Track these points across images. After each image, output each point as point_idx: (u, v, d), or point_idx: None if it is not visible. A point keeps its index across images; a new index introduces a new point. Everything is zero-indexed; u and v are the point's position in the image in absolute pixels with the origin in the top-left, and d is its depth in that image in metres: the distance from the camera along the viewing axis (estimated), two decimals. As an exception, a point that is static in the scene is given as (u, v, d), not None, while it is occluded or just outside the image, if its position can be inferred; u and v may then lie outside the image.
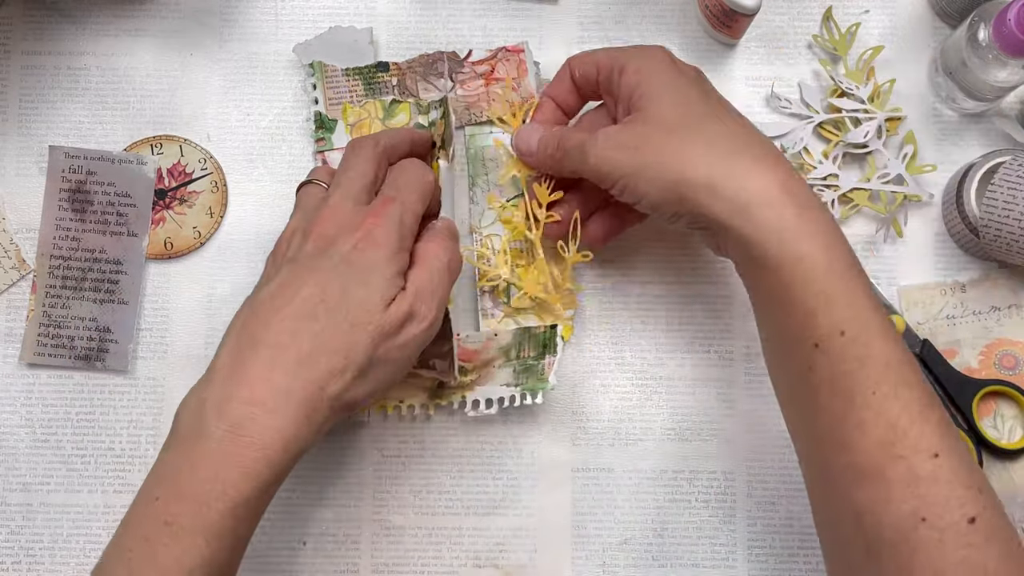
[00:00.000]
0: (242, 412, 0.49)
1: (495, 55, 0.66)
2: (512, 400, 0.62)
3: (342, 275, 0.52)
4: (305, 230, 0.55)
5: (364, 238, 0.53)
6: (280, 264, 0.55)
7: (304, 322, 0.51)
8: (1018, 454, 0.63)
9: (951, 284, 0.65)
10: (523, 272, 0.64)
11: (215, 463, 0.48)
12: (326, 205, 0.55)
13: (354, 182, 0.56)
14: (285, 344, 0.51)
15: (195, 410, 0.50)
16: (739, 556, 0.63)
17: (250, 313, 0.52)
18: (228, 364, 0.51)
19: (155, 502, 0.49)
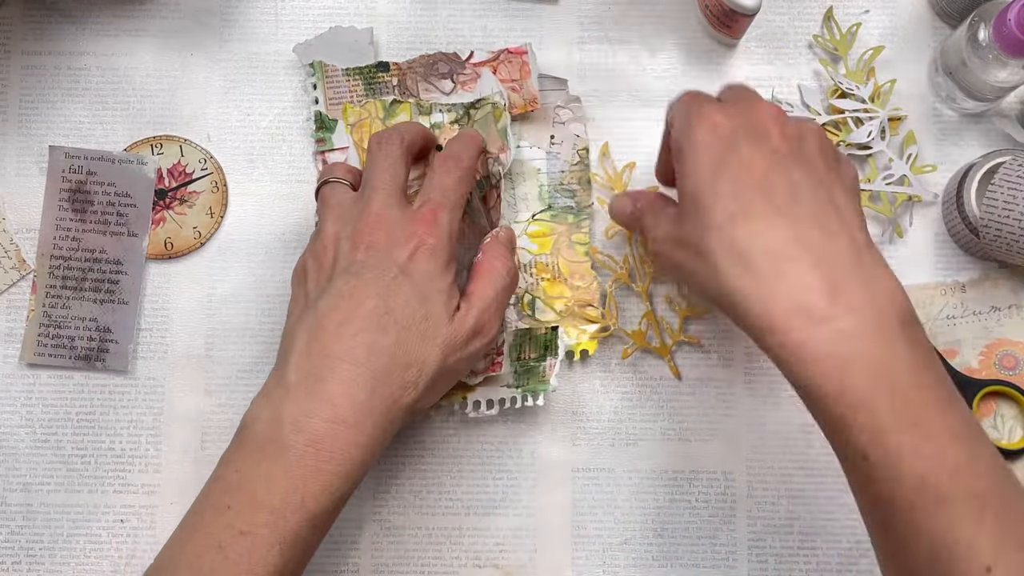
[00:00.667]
0: (323, 429, 0.50)
1: (497, 56, 0.66)
2: (513, 401, 0.62)
3: (403, 288, 0.53)
4: (353, 238, 0.55)
5: (419, 248, 0.54)
6: (332, 274, 0.54)
7: (377, 336, 0.52)
8: (1018, 454, 0.63)
9: (951, 284, 0.65)
10: (548, 286, 0.64)
11: (295, 477, 0.49)
12: (369, 211, 0.55)
13: (390, 184, 0.56)
14: (361, 361, 0.51)
15: (271, 424, 0.50)
16: (739, 556, 0.63)
17: (316, 326, 0.52)
18: (302, 379, 0.51)
19: (227, 511, 0.49)
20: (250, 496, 0.49)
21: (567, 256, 0.64)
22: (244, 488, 0.50)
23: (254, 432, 0.51)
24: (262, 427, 0.51)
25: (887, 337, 0.46)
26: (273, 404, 0.51)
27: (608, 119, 0.67)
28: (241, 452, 0.51)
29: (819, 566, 0.62)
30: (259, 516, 0.49)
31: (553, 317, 0.63)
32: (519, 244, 0.64)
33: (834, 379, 0.46)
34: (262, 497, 0.49)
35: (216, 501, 0.50)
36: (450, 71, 0.66)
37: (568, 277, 0.64)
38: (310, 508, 0.49)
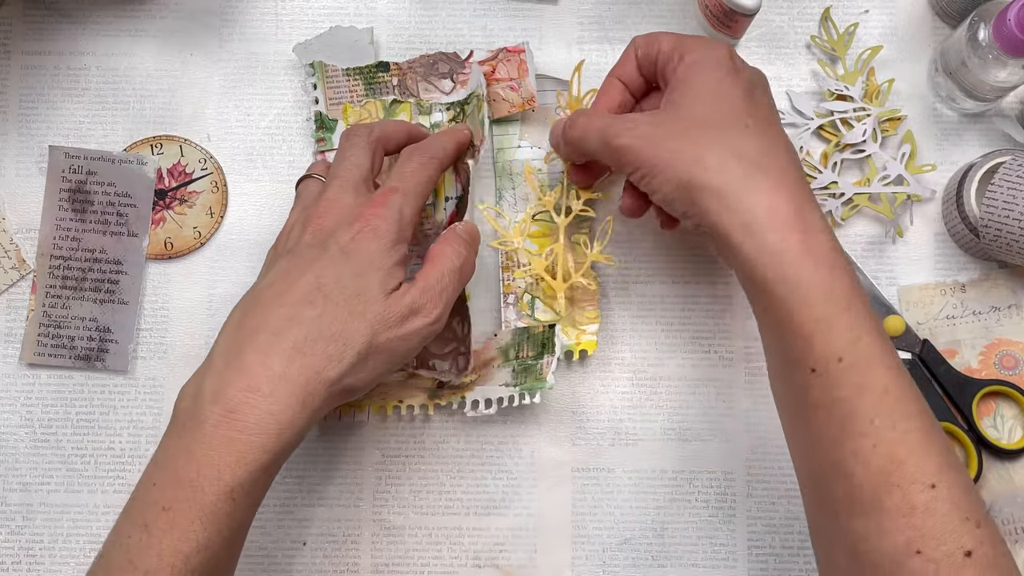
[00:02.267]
0: (237, 398, 0.49)
1: (496, 55, 0.66)
2: (511, 400, 0.62)
3: (339, 264, 0.53)
4: (304, 222, 0.56)
5: (363, 229, 0.54)
6: (279, 255, 0.55)
7: (301, 308, 0.52)
8: (1018, 454, 0.63)
9: (951, 284, 0.65)
10: (547, 286, 0.64)
11: (210, 448, 0.49)
12: (323, 197, 0.56)
13: (350, 173, 0.56)
14: (282, 330, 0.51)
15: (192, 397, 0.51)
16: (739, 556, 0.63)
17: (249, 302, 0.53)
18: (225, 352, 0.51)
19: (152, 487, 0.49)
20: (172, 472, 0.49)
21: (568, 256, 0.64)
22: (168, 464, 0.50)
23: (179, 409, 0.51)
24: (185, 403, 0.51)
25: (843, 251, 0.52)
26: (196, 378, 0.51)
27: (608, 119, 0.66)
28: (169, 431, 0.51)
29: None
30: (179, 491, 0.48)
31: (552, 316, 0.63)
32: (521, 244, 0.64)
33: (825, 279, 0.49)
34: (182, 472, 0.49)
35: (146, 480, 0.50)
36: (450, 71, 0.66)
37: (567, 277, 0.64)
38: (227, 480, 0.48)
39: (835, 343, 0.48)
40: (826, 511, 0.49)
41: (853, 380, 0.48)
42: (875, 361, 0.48)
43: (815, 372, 0.48)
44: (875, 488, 0.46)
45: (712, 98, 0.54)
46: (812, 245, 0.50)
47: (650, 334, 0.65)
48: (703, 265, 0.65)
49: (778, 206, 0.50)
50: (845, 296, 0.49)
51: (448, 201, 0.64)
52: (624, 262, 0.65)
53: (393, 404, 0.63)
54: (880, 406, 0.47)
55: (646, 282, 0.65)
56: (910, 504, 0.46)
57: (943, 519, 0.46)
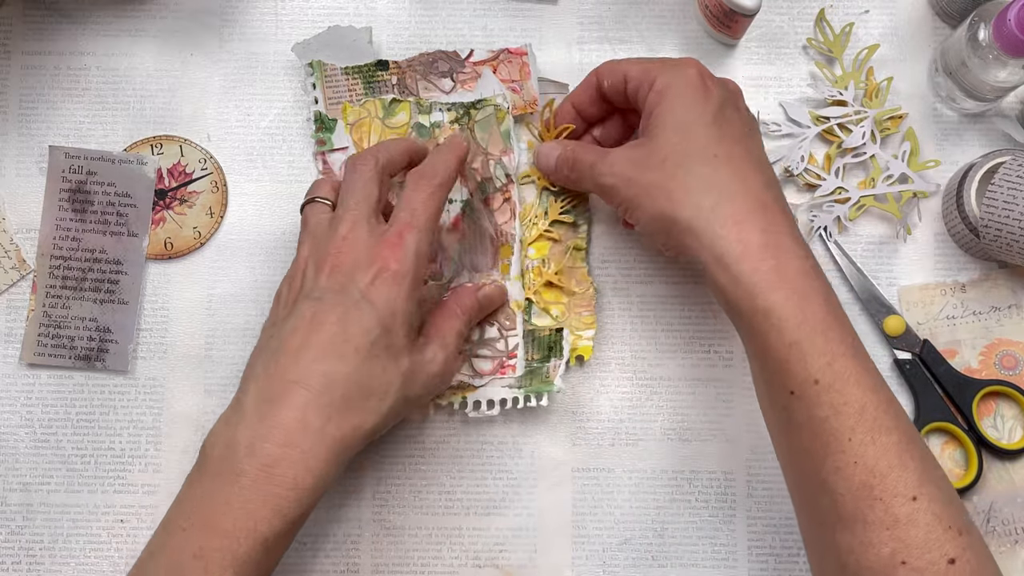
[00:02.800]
0: (276, 453, 0.50)
1: (497, 56, 0.66)
2: (515, 402, 0.62)
3: (364, 313, 0.53)
4: (318, 261, 0.55)
5: (382, 273, 0.54)
6: (297, 298, 0.55)
7: (334, 363, 0.52)
8: (1018, 454, 0.63)
9: (951, 284, 0.65)
10: (544, 291, 0.64)
11: (247, 500, 0.50)
12: (337, 234, 0.55)
13: (361, 206, 0.56)
14: (317, 387, 0.51)
15: (226, 447, 0.51)
16: (739, 556, 0.63)
17: (276, 350, 0.53)
18: (258, 403, 0.52)
19: (182, 532, 0.50)
20: (204, 519, 0.50)
21: (564, 261, 0.64)
22: (199, 511, 0.50)
23: (211, 456, 0.52)
24: (219, 451, 0.51)
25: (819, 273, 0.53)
26: (229, 428, 0.52)
27: (608, 119, 0.67)
28: (200, 476, 0.52)
29: (819, 566, 0.62)
30: (212, 540, 0.49)
31: (549, 322, 0.64)
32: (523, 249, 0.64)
33: (797, 305, 0.50)
34: (216, 521, 0.50)
35: (173, 523, 0.51)
36: (450, 69, 0.66)
37: (564, 283, 0.64)
38: (263, 532, 0.50)
39: (810, 367, 0.49)
40: (815, 524, 0.51)
41: (829, 400, 0.49)
42: (850, 381, 0.49)
43: (794, 395, 0.50)
44: (858, 502, 0.48)
45: (681, 128, 0.55)
46: (785, 272, 0.51)
47: (650, 334, 0.65)
48: (703, 265, 0.65)
49: (748, 237, 0.52)
50: (819, 319, 0.50)
51: (452, 204, 0.64)
52: (624, 262, 0.65)
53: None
54: (858, 424, 0.48)
55: (646, 282, 0.65)
56: (893, 516, 0.47)
57: (926, 529, 0.47)
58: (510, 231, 0.64)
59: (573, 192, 0.65)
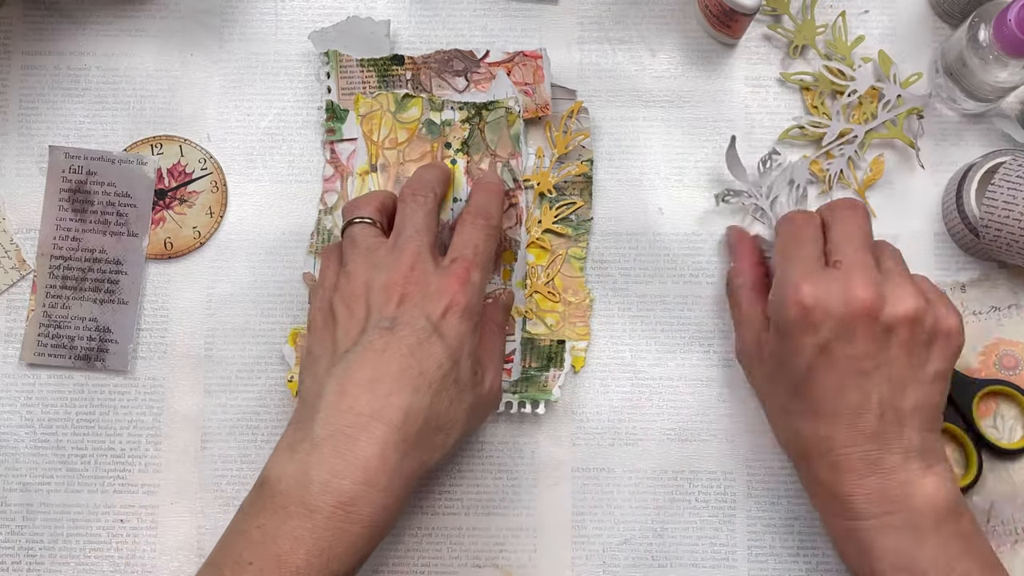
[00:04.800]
0: (354, 491, 0.49)
1: (512, 58, 0.66)
2: (509, 407, 0.62)
3: (436, 348, 0.52)
4: (387, 289, 0.54)
5: (452, 306, 0.53)
6: (364, 326, 0.53)
7: (411, 399, 0.51)
8: (1018, 454, 0.62)
9: (951, 284, 0.65)
10: (541, 299, 0.64)
11: (321, 539, 0.49)
12: (402, 263, 0.54)
13: (424, 236, 0.56)
14: (396, 424, 0.51)
15: (298, 482, 0.50)
16: (739, 556, 0.63)
17: (347, 380, 0.52)
18: (332, 436, 0.50)
19: (248, 567, 0.49)
20: (274, 555, 0.48)
21: (562, 270, 0.64)
22: (268, 546, 0.49)
23: (279, 489, 0.50)
24: (287, 484, 0.50)
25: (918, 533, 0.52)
26: (299, 460, 0.50)
27: (608, 119, 0.67)
28: (264, 508, 0.50)
29: (819, 566, 0.62)
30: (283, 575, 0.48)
31: (544, 330, 0.64)
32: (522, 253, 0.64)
33: None
34: (286, 557, 0.48)
35: (237, 556, 0.49)
36: (464, 69, 0.66)
37: (561, 291, 0.64)
38: (334, 569, 0.49)
39: None
40: None
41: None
42: None
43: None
44: None
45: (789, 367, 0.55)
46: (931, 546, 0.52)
47: (650, 334, 0.65)
48: (703, 265, 0.65)
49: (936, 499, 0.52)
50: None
51: (457, 203, 0.64)
52: (624, 262, 0.65)
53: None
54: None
55: (646, 282, 0.65)
56: None
57: None
58: (515, 236, 0.64)
59: (570, 200, 0.65)
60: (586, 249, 0.65)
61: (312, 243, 0.65)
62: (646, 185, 0.66)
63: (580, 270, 0.64)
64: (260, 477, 0.52)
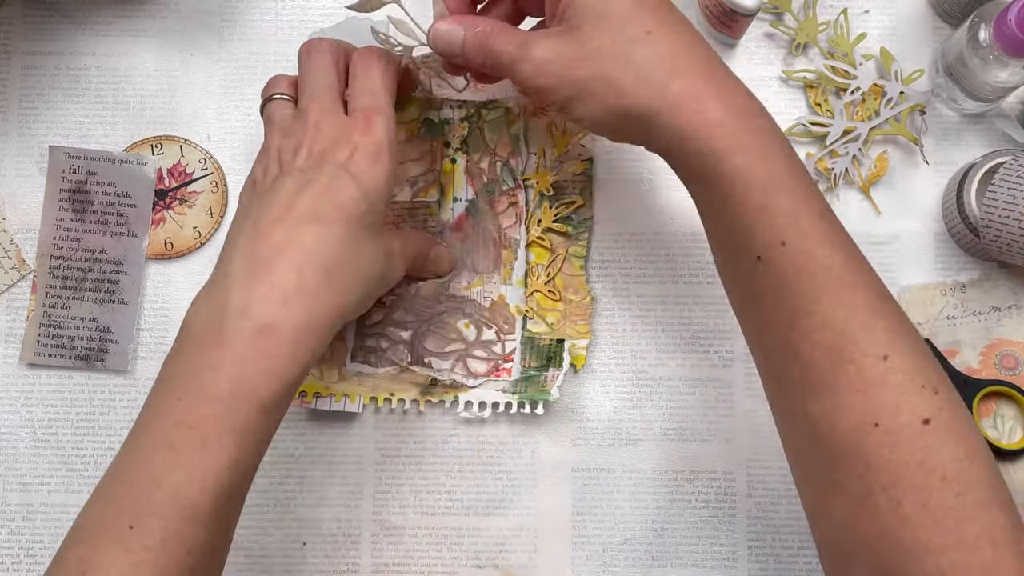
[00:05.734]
0: (274, 313, 0.48)
1: None
2: (508, 407, 0.62)
3: (346, 183, 0.52)
4: (295, 149, 0.54)
5: (357, 149, 0.53)
6: (273, 178, 0.53)
7: (327, 228, 0.51)
8: (1018, 454, 0.63)
9: (951, 284, 0.65)
10: (541, 298, 0.64)
11: (242, 364, 0.48)
12: (308, 122, 0.54)
13: (325, 93, 0.55)
14: (311, 248, 0.50)
15: (214, 314, 0.49)
16: (739, 556, 0.63)
17: (260, 218, 0.51)
18: (248, 267, 0.50)
19: (177, 402, 0.48)
20: (197, 388, 0.48)
21: (563, 269, 0.64)
22: (191, 381, 0.48)
23: (196, 323, 0.49)
24: (204, 318, 0.49)
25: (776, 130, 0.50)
26: (214, 296, 0.50)
27: (608, 119, 0.66)
28: (182, 347, 0.50)
29: (819, 566, 0.62)
30: (208, 408, 0.47)
31: (544, 329, 0.64)
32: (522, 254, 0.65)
33: (760, 166, 0.48)
34: (210, 388, 0.47)
35: (163, 396, 0.49)
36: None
37: (562, 290, 0.64)
38: (261, 395, 0.48)
39: (776, 228, 0.47)
40: (783, 396, 0.49)
41: (796, 263, 0.47)
42: (817, 240, 0.47)
43: (760, 260, 0.48)
44: (828, 367, 0.46)
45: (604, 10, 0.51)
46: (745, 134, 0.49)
47: (650, 334, 0.65)
48: (703, 265, 0.65)
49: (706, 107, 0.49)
50: (782, 179, 0.48)
51: (457, 203, 0.64)
52: (624, 262, 0.65)
53: (384, 396, 0.63)
54: (826, 283, 0.47)
55: (646, 282, 0.65)
56: (864, 379, 0.45)
57: (898, 390, 0.45)
58: (514, 236, 0.64)
59: (570, 199, 0.65)
60: (587, 248, 0.65)
61: (312, 243, 0.65)
62: (646, 185, 0.66)
63: (581, 268, 0.64)
64: (179, 328, 0.51)
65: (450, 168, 0.65)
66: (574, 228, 0.65)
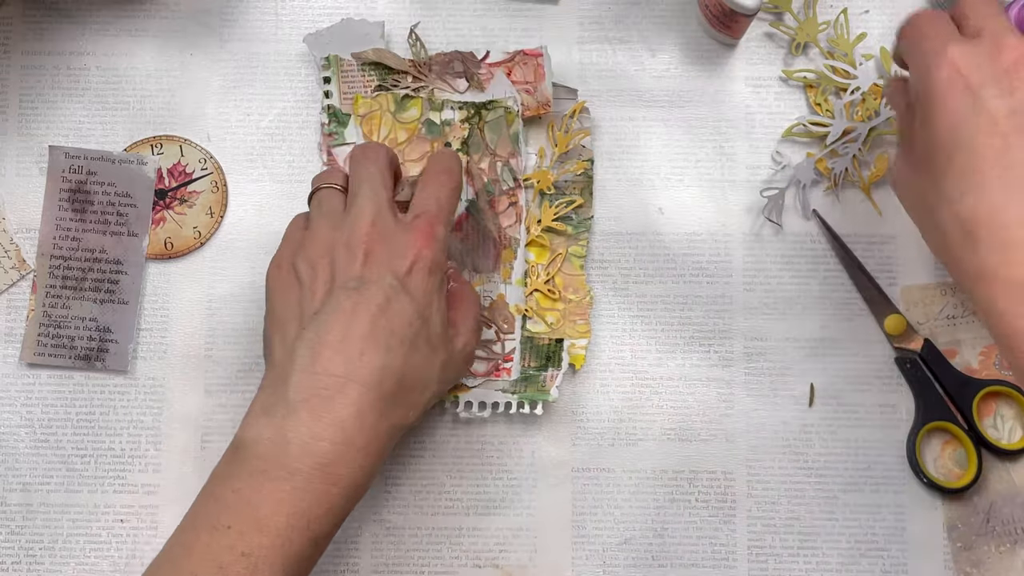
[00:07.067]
0: (333, 452, 0.49)
1: (513, 57, 0.66)
2: (508, 407, 0.62)
3: (404, 305, 0.52)
4: (350, 248, 0.54)
5: (417, 262, 0.53)
6: (331, 287, 0.53)
7: (384, 358, 0.51)
8: (1018, 454, 0.62)
9: (951, 284, 0.65)
10: (541, 298, 0.64)
11: (301, 500, 0.49)
12: (363, 220, 0.54)
13: (381, 194, 0.55)
14: (371, 383, 0.51)
15: (275, 444, 0.50)
16: (739, 556, 0.63)
17: (318, 342, 0.51)
18: (309, 399, 0.50)
19: (228, 530, 0.49)
20: (253, 517, 0.49)
21: (563, 269, 0.64)
22: (246, 509, 0.49)
23: (255, 452, 0.50)
24: (265, 448, 0.50)
25: None
26: (276, 424, 0.50)
27: (608, 119, 0.67)
28: (241, 471, 0.50)
29: (819, 566, 0.62)
30: (263, 538, 0.48)
31: (543, 328, 0.64)
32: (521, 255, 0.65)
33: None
34: (266, 519, 0.48)
35: (214, 520, 0.49)
36: (465, 70, 0.66)
37: (562, 289, 0.64)
38: (314, 530, 0.49)
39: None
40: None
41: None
42: None
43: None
44: None
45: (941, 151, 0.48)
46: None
47: (650, 334, 0.65)
48: (703, 265, 0.65)
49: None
50: None
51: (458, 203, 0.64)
52: (624, 262, 0.65)
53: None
54: None
55: (646, 282, 0.65)
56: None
57: None
58: (514, 235, 0.64)
59: (570, 199, 0.65)
60: (586, 247, 0.65)
61: (312, 243, 0.65)
62: (646, 185, 0.66)
63: (580, 268, 0.64)
64: (234, 441, 0.52)
65: None
66: (574, 228, 0.65)
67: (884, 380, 0.64)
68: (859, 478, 0.63)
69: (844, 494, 0.63)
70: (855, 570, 0.62)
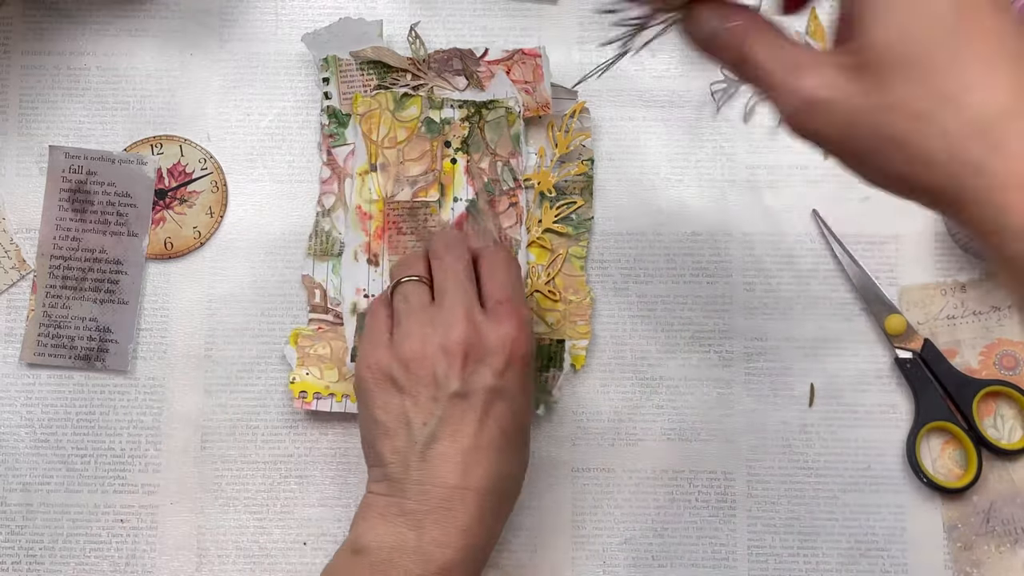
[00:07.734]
0: (456, 558, 0.51)
1: (511, 56, 0.66)
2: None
3: (507, 405, 0.54)
4: (448, 349, 0.53)
5: (513, 357, 0.54)
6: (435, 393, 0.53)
7: (497, 464, 0.53)
8: (1018, 454, 0.62)
9: (951, 284, 0.65)
10: (541, 299, 0.64)
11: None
12: (457, 317, 0.54)
13: (470, 291, 0.55)
14: (488, 490, 0.52)
15: (397, 552, 0.51)
16: (739, 556, 0.63)
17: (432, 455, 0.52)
18: (431, 510, 0.52)
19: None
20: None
21: (563, 270, 0.64)
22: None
23: (380, 558, 0.51)
24: (388, 554, 0.51)
25: None
26: (397, 532, 0.52)
27: (608, 119, 0.67)
28: (361, 565, 0.52)
29: (819, 566, 0.62)
30: None
31: (544, 329, 0.64)
32: (521, 256, 0.64)
33: None
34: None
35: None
36: (464, 68, 0.66)
37: (562, 290, 0.64)
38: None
39: None
40: None
41: None
42: None
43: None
44: None
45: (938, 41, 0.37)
46: None
47: (650, 334, 0.65)
48: (703, 265, 0.65)
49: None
50: None
51: (457, 203, 0.64)
52: (624, 261, 0.65)
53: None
54: None
55: (646, 282, 0.65)
56: None
57: None
58: (515, 236, 0.64)
59: (571, 200, 0.65)
60: (587, 248, 0.65)
61: (310, 245, 0.65)
62: (646, 185, 0.66)
63: (581, 269, 0.64)
64: (352, 544, 0.53)
65: (450, 168, 0.65)
66: (574, 228, 0.65)
67: (884, 380, 0.64)
68: (859, 478, 0.63)
69: (844, 494, 0.63)
70: (855, 570, 0.62)
